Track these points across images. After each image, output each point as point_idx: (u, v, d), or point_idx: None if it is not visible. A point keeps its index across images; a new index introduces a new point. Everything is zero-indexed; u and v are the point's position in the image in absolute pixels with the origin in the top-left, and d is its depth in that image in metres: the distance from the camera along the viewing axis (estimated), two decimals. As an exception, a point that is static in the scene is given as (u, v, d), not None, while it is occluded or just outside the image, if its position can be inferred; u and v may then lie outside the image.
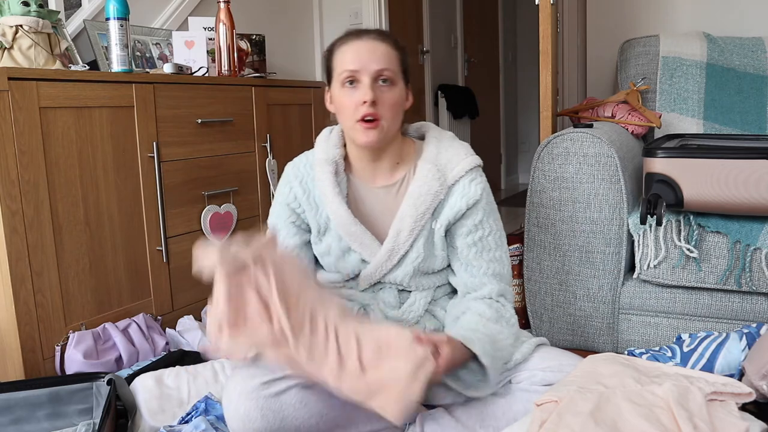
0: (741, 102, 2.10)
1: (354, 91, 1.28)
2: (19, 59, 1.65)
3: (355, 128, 1.29)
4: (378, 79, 1.27)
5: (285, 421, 1.14)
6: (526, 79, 5.53)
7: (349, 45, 1.30)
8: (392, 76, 1.28)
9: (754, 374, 1.24)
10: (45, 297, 1.54)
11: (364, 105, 1.26)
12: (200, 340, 1.74)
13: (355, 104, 1.27)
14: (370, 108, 1.26)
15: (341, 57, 1.30)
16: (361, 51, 1.28)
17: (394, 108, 1.29)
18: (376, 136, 1.28)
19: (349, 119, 1.29)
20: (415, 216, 1.31)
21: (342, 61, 1.29)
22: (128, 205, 1.76)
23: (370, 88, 1.26)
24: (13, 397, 1.33)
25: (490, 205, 1.36)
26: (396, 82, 1.30)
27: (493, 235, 1.35)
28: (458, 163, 1.34)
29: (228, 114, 2.08)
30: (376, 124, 1.27)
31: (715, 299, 1.60)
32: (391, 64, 1.28)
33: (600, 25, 2.60)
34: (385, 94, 1.28)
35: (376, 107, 1.26)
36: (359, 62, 1.27)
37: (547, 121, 1.91)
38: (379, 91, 1.27)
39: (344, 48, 1.30)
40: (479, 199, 1.32)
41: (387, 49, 1.29)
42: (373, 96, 1.25)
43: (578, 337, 1.75)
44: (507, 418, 1.22)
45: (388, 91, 1.28)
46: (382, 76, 1.27)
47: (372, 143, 1.29)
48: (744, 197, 1.51)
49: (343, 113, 1.31)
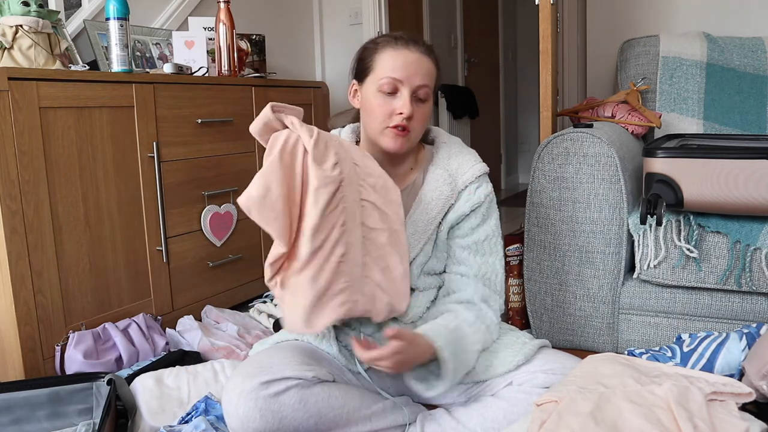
0: (741, 102, 2.10)
1: (391, 99, 1.28)
2: (19, 59, 1.65)
3: (385, 133, 1.29)
4: (416, 93, 1.28)
5: (284, 422, 1.14)
6: (526, 79, 5.53)
7: (398, 52, 1.28)
8: (429, 92, 1.30)
9: (754, 374, 1.24)
10: (45, 297, 1.54)
11: (399, 116, 1.27)
12: (200, 340, 1.74)
13: (389, 112, 1.28)
14: (405, 121, 1.27)
15: (387, 61, 1.28)
16: (410, 62, 1.27)
17: (424, 123, 1.32)
18: (403, 143, 1.30)
19: (380, 124, 1.29)
20: (427, 220, 1.32)
21: (386, 66, 1.28)
22: (128, 205, 1.76)
23: (410, 101, 1.27)
24: (13, 397, 1.33)
25: (491, 210, 1.36)
26: (429, 98, 1.31)
27: (489, 240, 1.35)
28: (468, 169, 1.35)
29: (228, 114, 2.08)
30: (406, 133, 1.29)
31: (715, 299, 1.60)
32: (430, 81, 1.30)
33: (600, 25, 2.60)
34: (420, 109, 1.30)
35: (409, 121, 1.28)
36: (405, 73, 1.27)
37: (547, 121, 1.91)
38: (415, 106, 1.28)
39: (392, 53, 1.28)
40: (482, 203, 1.34)
41: (431, 66, 1.30)
42: (411, 111, 1.27)
43: (578, 337, 1.75)
44: (508, 420, 1.22)
45: (423, 107, 1.30)
46: (421, 92, 1.28)
47: (398, 150, 1.30)
48: (744, 197, 1.51)
49: (374, 116, 1.30)
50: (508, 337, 1.34)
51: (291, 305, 1.15)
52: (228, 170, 2.09)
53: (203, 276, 2.02)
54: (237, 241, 2.14)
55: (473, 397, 1.29)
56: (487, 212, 1.35)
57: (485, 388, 1.28)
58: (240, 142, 2.13)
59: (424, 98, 1.29)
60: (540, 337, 1.78)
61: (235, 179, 2.12)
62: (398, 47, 1.29)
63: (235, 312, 2.02)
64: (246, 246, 2.19)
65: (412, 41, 1.30)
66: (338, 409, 1.20)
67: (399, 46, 1.29)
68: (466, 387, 1.29)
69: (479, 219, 1.34)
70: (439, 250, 1.35)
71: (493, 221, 1.37)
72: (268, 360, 1.19)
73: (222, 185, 2.07)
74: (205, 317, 1.95)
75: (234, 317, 1.96)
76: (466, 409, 1.26)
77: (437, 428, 1.24)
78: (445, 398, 1.31)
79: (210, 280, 2.04)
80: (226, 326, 1.87)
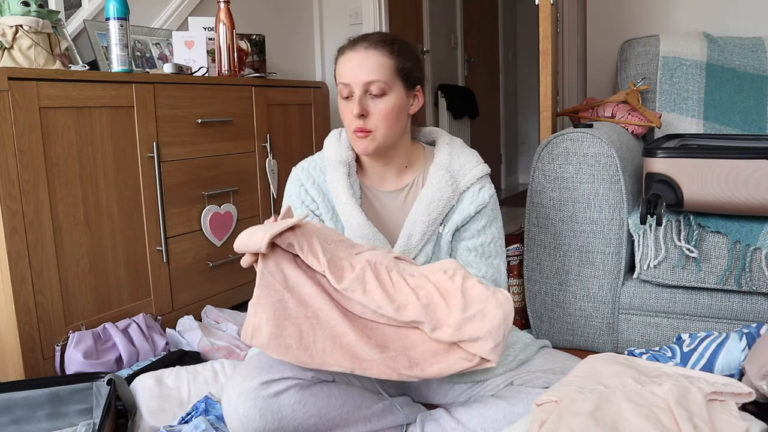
0: (741, 102, 2.10)
1: (349, 103, 1.30)
2: (19, 59, 1.65)
3: (352, 138, 1.33)
4: (367, 91, 1.28)
5: (283, 422, 1.14)
6: (526, 79, 5.53)
7: (344, 57, 1.31)
8: (383, 86, 1.28)
9: (754, 374, 1.24)
10: (45, 297, 1.54)
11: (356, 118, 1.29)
12: (200, 340, 1.74)
13: (351, 116, 1.30)
14: (359, 121, 1.28)
15: (339, 69, 1.32)
16: (352, 64, 1.29)
17: (387, 117, 1.30)
18: (368, 145, 1.30)
19: (348, 130, 1.33)
20: (428, 221, 1.32)
21: (338, 73, 1.32)
22: (128, 205, 1.76)
23: (358, 101, 1.28)
24: (13, 397, 1.32)
25: (495, 212, 1.38)
26: (388, 92, 1.29)
27: (495, 242, 1.37)
28: (470, 170, 1.35)
29: (228, 114, 2.08)
30: (367, 134, 1.30)
31: (715, 299, 1.60)
32: (381, 74, 1.28)
33: (600, 25, 2.60)
34: (376, 106, 1.29)
35: (366, 120, 1.29)
36: (350, 76, 1.29)
37: (547, 121, 1.91)
38: (369, 103, 1.29)
39: (341, 60, 1.32)
40: (487, 204, 1.35)
41: (378, 59, 1.28)
42: (361, 110, 1.27)
43: (578, 337, 1.75)
44: (508, 420, 1.22)
45: (380, 103, 1.29)
46: (372, 87, 1.28)
47: (366, 152, 1.32)
48: (744, 197, 1.51)
49: (345, 124, 1.34)
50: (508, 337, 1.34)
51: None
52: (228, 170, 2.09)
53: (203, 276, 2.02)
54: (237, 241, 2.14)
55: (473, 396, 1.29)
56: (493, 213, 1.37)
57: (485, 388, 1.28)
58: (240, 142, 2.13)
59: (378, 93, 1.28)
60: (540, 337, 1.78)
61: (235, 179, 2.12)
62: (345, 51, 1.31)
63: (235, 312, 2.02)
64: (246, 246, 2.18)
65: (360, 39, 1.31)
66: (338, 409, 1.20)
67: (346, 50, 1.31)
68: (467, 387, 1.29)
69: (485, 221, 1.35)
70: (442, 252, 1.35)
71: (499, 223, 1.39)
72: (267, 360, 1.19)
73: (222, 185, 2.07)
74: (205, 317, 1.95)
75: (234, 317, 1.96)
76: (466, 409, 1.26)
77: (437, 428, 1.24)
78: (445, 398, 1.31)
79: (210, 280, 2.04)
80: (226, 326, 1.87)
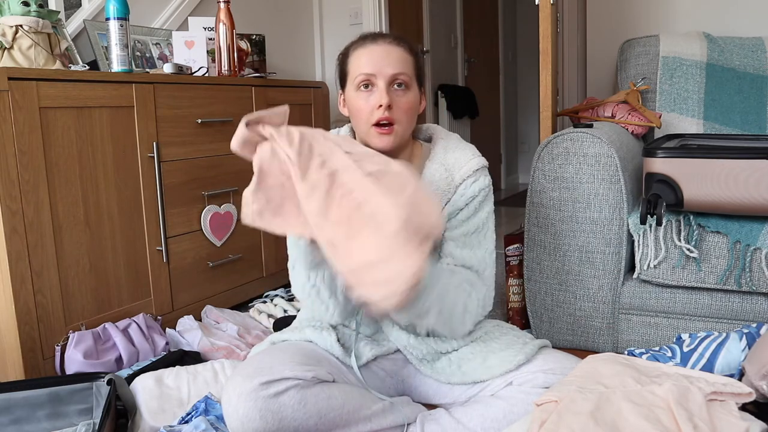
0: (741, 102, 2.10)
1: (369, 95, 1.28)
2: (19, 59, 1.65)
3: (370, 133, 1.29)
4: (393, 83, 1.28)
5: (283, 422, 1.14)
6: (526, 79, 5.53)
7: (365, 49, 1.30)
8: (407, 80, 1.29)
9: (754, 374, 1.24)
10: (45, 297, 1.54)
11: (379, 109, 1.26)
12: (200, 340, 1.74)
13: (371, 108, 1.28)
14: (386, 112, 1.26)
15: (357, 61, 1.30)
16: (377, 55, 1.28)
17: (408, 112, 1.30)
18: (391, 141, 1.29)
19: (365, 123, 1.30)
20: None
21: (357, 64, 1.29)
22: (128, 205, 1.76)
23: (386, 92, 1.26)
24: (13, 397, 1.32)
25: (484, 204, 1.34)
26: (410, 87, 1.30)
27: (478, 233, 1.33)
28: (465, 164, 1.34)
29: (228, 114, 2.08)
30: (391, 129, 1.28)
31: (715, 299, 1.60)
32: (406, 68, 1.29)
33: (600, 25, 2.60)
34: (400, 99, 1.28)
35: (391, 111, 1.27)
36: (375, 66, 1.27)
37: (547, 121, 1.91)
38: (394, 95, 1.27)
39: (360, 52, 1.30)
40: (475, 196, 1.32)
41: (402, 54, 1.29)
42: (389, 100, 1.26)
43: (578, 337, 1.75)
44: (508, 420, 1.22)
45: (403, 96, 1.29)
46: (397, 81, 1.28)
47: (387, 148, 1.29)
48: (744, 197, 1.51)
49: (358, 117, 1.31)
50: (508, 337, 1.34)
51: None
52: (228, 170, 2.09)
53: (203, 276, 2.02)
54: (237, 241, 2.14)
55: (473, 397, 1.29)
56: (480, 205, 1.33)
57: (485, 388, 1.28)
58: (240, 142, 2.13)
59: (404, 85, 1.28)
60: (540, 337, 1.78)
61: (235, 179, 2.12)
62: (365, 44, 1.30)
63: (235, 312, 2.02)
64: (246, 246, 2.19)
65: (380, 35, 1.32)
66: (338, 410, 1.20)
67: (366, 43, 1.31)
68: (467, 387, 1.29)
69: (470, 211, 1.33)
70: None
71: (484, 213, 1.34)
72: (267, 360, 1.19)
73: (222, 185, 2.07)
74: (205, 317, 1.95)
75: (234, 317, 1.96)
76: (466, 409, 1.26)
77: (437, 428, 1.24)
78: (446, 398, 1.31)
79: (210, 280, 2.04)
80: (226, 326, 1.87)
